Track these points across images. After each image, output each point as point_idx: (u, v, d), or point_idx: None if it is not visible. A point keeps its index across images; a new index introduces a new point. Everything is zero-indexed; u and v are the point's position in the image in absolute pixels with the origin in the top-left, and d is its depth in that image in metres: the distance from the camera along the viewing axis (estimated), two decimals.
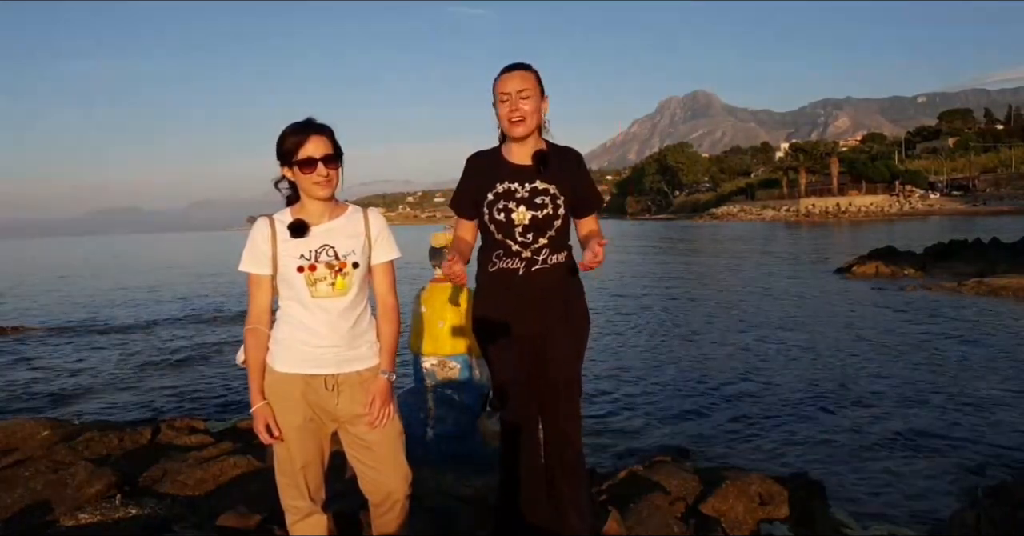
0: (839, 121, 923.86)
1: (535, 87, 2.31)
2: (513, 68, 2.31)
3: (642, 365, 8.11)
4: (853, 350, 8.42)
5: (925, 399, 6.14)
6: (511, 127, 2.31)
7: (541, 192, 2.34)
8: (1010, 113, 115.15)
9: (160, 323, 13.23)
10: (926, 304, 11.69)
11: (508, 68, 2.32)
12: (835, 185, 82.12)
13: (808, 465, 4.54)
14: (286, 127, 2.02)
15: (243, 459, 3.68)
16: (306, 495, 2.12)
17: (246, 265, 2.06)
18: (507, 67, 2.33)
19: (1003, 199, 64.47)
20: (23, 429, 4.34)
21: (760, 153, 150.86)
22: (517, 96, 2.28)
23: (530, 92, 2.29)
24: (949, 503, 3.95)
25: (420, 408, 4.00)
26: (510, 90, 2.28)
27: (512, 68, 2.31)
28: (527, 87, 2.29)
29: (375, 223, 2.14)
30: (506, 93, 2.29)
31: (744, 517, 3.15)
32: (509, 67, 2.32)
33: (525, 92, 2.28)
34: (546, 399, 2.40)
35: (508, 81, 2.29)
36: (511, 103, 2.28)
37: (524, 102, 2.29)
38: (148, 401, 7.17)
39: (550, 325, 2.39)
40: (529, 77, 2.31)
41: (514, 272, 2.35)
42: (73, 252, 70.90)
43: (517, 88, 2.28)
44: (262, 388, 2.06)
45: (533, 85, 2.31)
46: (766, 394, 6.56)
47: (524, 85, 2.29)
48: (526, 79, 2.30)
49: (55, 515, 3.02)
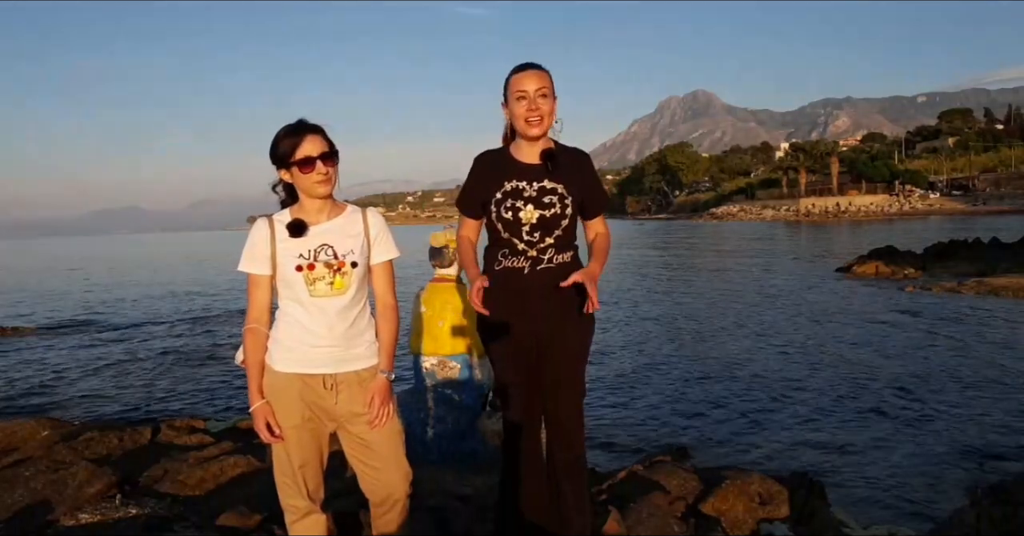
0: (839, 121, 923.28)
1: (551, 86, 2.26)
2: (529, 67, 2.26)
3: (642, 365, 8.11)
4: (853, 350, 8.42)
5: (925, 399, 6.15)
6: (527, 127, 2.26)
7: (549, 191, 2.31)
8: (1010, 113, 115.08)
9: (160, 323, 13.23)
10: (926, 304, 11.70)
11: (523, 66, 2.26)
12: (835, 185, 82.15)
13: (808, 465, 4.54)
14: (279, 130, 2.02)
15: (243, 459, 3.68)
16: (305, 494, 2.12)
17: (245, 265, 2.06)
18: (522, 65, 2.27)
19: (1003, 199, 64.50)
20: (23, 429, 4.35)
21: (760, 153, 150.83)
22: (536, 94, 2.22)
23: (548, 91, 2.24)
24: (949, 503, 3.95)
25: (420, 408, 4.00)
26: (528, 88, 2.22)
27: (528, 66, 2.26)
28: (545, 85, 2.24)
29: (374, 223, 2.14)
30: (524, 91, 2.23)
31: (744, 517, 3.15)
32: (524, 65, 2.27)
33: (543, 90, 2.23)
34: (550, 400, 2.40)
35: (526, 79, 2.24)
36: (529, 101, 2.22)
37: (543, 101, 2.23)
38: (148, 401, 7.17)
39: (554, 325, 2.37)
40: (546, 77, 2.26)
41: (519, 271, 2.34)
42: (73, 252, 70.89)
43: (535, 86, 2.23)
44: (261, 388, 2.07)
45: (550, 85, 2.26)
46: (766, 394, 6.56)
47: (542, 83, 2.23)
48: (543, 78, 2.25)
49: (55, 515, 3.02)
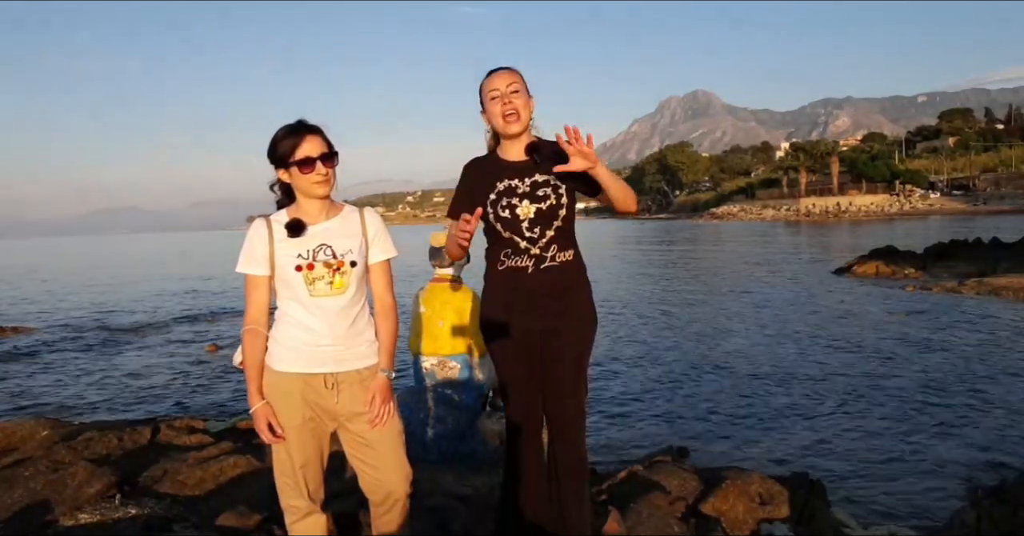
0: (839, 121, 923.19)
1: (522, 83, 2.35)
2: (496, 69, 2.36)
3: (642, 365, 8.11)
4: (853, 350, 8.42)
5: (925, 399, 6.14)
6: (506, 125, 2.34)
7: (542, 184, 2.36)
8: (1010, 113, 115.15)
9: (159, 323, 13.23)
10: (926, 304, 11.69)
11: (491, 71, 2.37)
12: (835, 185, 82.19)
13: (808, 465, 4.54)
14: (278, 130, 2.02)
15: (243, 459, 3.67)
16: (305, 495, 2.12)
17: (243, 266, 2.06)
18: (491, 70, 2.37)
19: (1003, 199, 64.53)
20: (23, 429, 4.34)
21: (760, 153, 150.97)
22: (508, 90, 2.32)
23: (519, 86, 2.33)
24: (949, 503, 3.95)
25: (420, 408, 4.00)
26: (499, 86, 2.32)
27: (495, 70, 2.36)
28: (515, 81, 2.33)
29: (371, 222, 2.15)
30: (495, 89, 2.32)
31: (744, 517, 3.15)
32: (492, 70, 2.37)
33: (514, 86, 2.32)
34: (551, 399, 2.41)
35: (495, 78, 2.34)
36: (502, 98, 2.32)
37: (515, 96, 2.32)
38: (148, 401, 7.17)
39: (557, 324, 2.39)
40: (515, 74, 2.35)
41: (523, 270, 2.36)
42: (73, 252, 70.89)
43: (506, 83, 2.32)
44: (261, 388, 2.07)
45: (520, 81, 2.35)
46: (766, 394, 6.56)
47: (512, 80, 2.33)
48: (513, 75, 2.34)
49: (55, 515, 3.02)
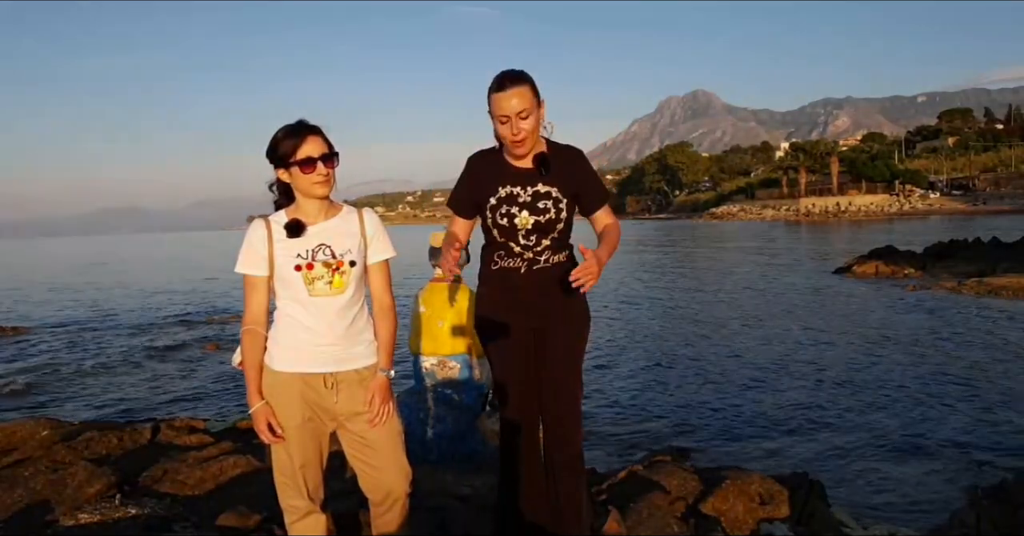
0: (839, 121, 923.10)
1: (532, 101, 2.21)
2: (506, 84, 2.19)
3: (641, 365, 8.11)
4: (853, 350, 8.42)
5: (925, 399, 6.14)
6: (514, 147, 2.27)
7: (543, 196, 2.33)
8: (1010, 113, 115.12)
9: (159, 323, 13.23)
10: (926, 304, 11.69)
11: (501, 84, 2.19)
12: (835, 185, 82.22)
13: (808, 465, 4.53)
14: (278, 130, 2.02)
15: (243, 459, 3.67)
16: (305, 494, 2.12)
17: (242, 267, 2.06)
18: (500, 81, 2.20)
19: (1003, 198, 64.55)
20: (23, 429, 4.34)
21: (760, 153, 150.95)
22: (517, 118, 2.20)
23: (529, 110, 2.20)
24: (949, 503, 3.95)
25: (420, 408, 3.99)
26: (509, 113, 2.19)
27: (505, 84, 2.19)
28: (525, 107, 2.19)
29: (370, 222, 2.15)
30: (505, 116, 2.20)
31: (744, 517, 3.15)
32: (502, 82, 2.20)
33: (524, 112, 2.19)
34: (546, 398, 2.40)
35: (504, 102, 2.18)
36: (512, 126, 2.21)
37: (524, 122, 2.21)
38: (148, 401, 7.17)
39: (551, 324, 2.39)
40: (526, 93, 2.19)
41: (515, 271, 2.37)
42: (73, 252, 70.88)
43: (516, 110, 2.19)
44: (260, 388, 2.07)
45: (530, 101, 2.20)
46: (766, 394, 6.56)
47: (523, 106, 2.18)
48: (523, 97, 2.18)
49: (55, 515, 3.01)
